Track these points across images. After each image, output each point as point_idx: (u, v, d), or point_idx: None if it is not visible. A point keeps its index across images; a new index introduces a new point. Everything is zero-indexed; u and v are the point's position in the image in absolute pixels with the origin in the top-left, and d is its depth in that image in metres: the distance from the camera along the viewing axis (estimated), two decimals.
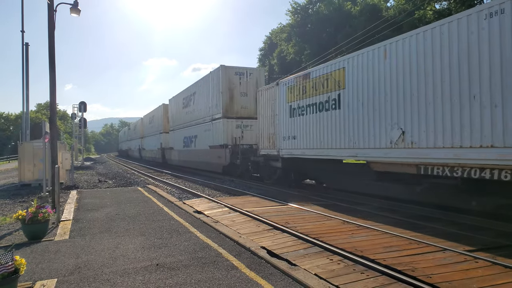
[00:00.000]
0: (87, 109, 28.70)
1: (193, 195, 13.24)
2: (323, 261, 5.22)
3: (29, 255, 5.71)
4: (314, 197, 11.68)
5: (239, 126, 20.40)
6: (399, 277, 4.49)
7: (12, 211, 9.79)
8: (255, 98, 18.72)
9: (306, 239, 6.29)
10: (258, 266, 5.08)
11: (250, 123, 20.42)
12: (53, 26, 10.30)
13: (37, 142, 16.47)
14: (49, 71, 10.33)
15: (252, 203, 10.25)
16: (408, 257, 5.23)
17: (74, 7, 11.53)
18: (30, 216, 6.61)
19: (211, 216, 8.70)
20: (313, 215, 8.42)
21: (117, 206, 10.39)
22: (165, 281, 4.56)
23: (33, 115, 53.99)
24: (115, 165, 38.17)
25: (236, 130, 20.23)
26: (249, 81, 20.90)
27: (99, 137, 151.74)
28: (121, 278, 4.68)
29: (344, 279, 4.54)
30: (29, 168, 16.19)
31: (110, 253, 5.77)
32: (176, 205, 10.41)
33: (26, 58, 23.86)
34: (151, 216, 8.77)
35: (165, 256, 5.58)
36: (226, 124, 20.09)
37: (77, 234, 7.14)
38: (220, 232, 7.00)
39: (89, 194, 13.42)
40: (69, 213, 9.22)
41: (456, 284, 4.27)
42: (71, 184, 16.48)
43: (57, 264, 5.29)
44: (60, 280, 4.65)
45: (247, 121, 20.54)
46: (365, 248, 5.67)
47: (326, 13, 44.36)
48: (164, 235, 6.87)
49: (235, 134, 20.07)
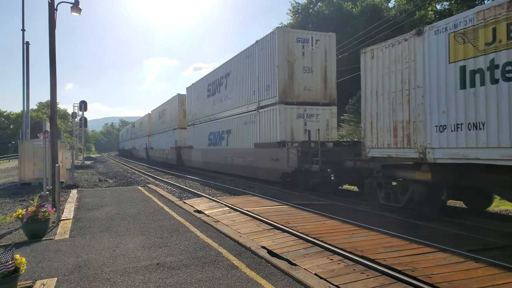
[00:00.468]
0: (87, 108, 28.71)
1: (194, 195, 13.25)
2: (323, 261, 5.22)
3: (29, 254, 5.71)
4: (315, 197, 11.68)
5: (301, 116, 14.71)
6: (399, 277, 4.49)
7: (12, 210, 9.80)
8: (323, 76, 14.92)
9: (307, 239, 6.29)
10: (258, 265, 5.08)
11: (315, 111, 14.92)
12: (53, 25, 10.30)
13: (38, 141, 16.47)
14: (50, 70, 10.34)
15: (253, 203, 10.25)
16: (408, 257, 5.22)
17: (75, 6, 11.53)
18: (30, 215, 6.61)
19: (211, 215, 8.70)
20: (313, 215, 8.42)
21: (117, 205, 10.39)
22: (165, 280, 4.56)
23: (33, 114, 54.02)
24: (116, 165, 38.17)
25: (297, 122, 14.64)
26: (315, 51, 14.96)
27: (100, 136, 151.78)
28: (121, 277, 4.68)
29: (344, 279, 4.53)
30: (30, 167, 16.21)
31: (111, 252, 5.77)
32: (177, 204, 10.41)
33: (26, 57, 23.88)
34: (152, 216, 8.77)
35: (166, 255, 5.58)
36: (284, 113, 14.36)
37: (77, 233, 7.14)
38: (221, 232, 7.00)
39: (89, 193, 13.42)
40: (69, 212, 9.23)
41: (456, 284, 4.27)
42: (72, 183, 16.49)
43: (57, 263, 5.29)
44: (60, 279, 4.66)
45: (312, 109, 14.86)
46: (365, 248, 5.67)
47: (326, 13, 44.32)
48: (165, 235, 6.87)
49: (295, 127, 14.61)
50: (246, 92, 17.58)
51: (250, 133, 17.07)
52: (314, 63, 14.97)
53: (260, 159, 15.79)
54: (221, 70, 21.08)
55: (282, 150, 14.04)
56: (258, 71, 16.20)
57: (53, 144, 10.10)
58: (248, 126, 17.29)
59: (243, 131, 17.80)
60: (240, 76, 18.28)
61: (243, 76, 17.88)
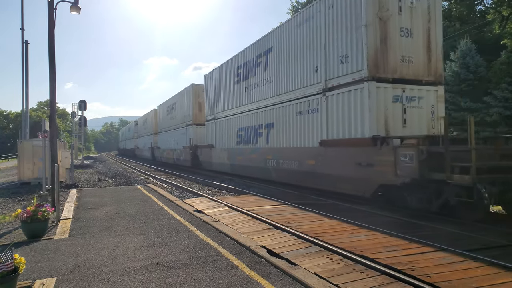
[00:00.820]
0: (87, 107, 28.70)
1: (193, 194, 13.24)
2: (323, 260, 5.22)
3: (28, 254, 5.71)
4: (314, 196, 11.68)
5: (398, 99, 10.26)
6: (399, 277, 4.50)
7: (12, 210, 9.79)
8: (426, 43, 10.72)
9: (306, 238, 6.30)
10: (258, 265, 5.08)
11: (417, 92, 10.55)
12: (53, 24, 10.28)
13: (37, 140, 16.47)
14: (49, 69, 10.32)
15: (252, 202, 10.25)
16: (407, 257, 5.23)
17: (74, 5, 11.50)
18: (30, 215, 6.60)
19: (211, 215, 8.70)
20: (313, 215, 8.42)
21: (117, 205, 10.39)
22: (165, 280, 4.56)
23: (33, 113, 54.00)
24: (115, 164, 38.16)
25: (394, 107, 10.17)
26: (415, 5, 10.67)
27: (99, 136, 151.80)
28: (121, 277, 4.68)
29: (344, 278, 4.54)
30: (29, 167, 16.20)
31: (110, 252, 5.77)
32: (176, 204, 10.41)
33: (26, 56, 23.85)
34: (151, 215, 8.77)
35: (165, 255, 5.58)
36: (376, 94, 9.96)
37: (77, 232, 7.13)
38: (220, 231, 7.00)
39: (89, 192, 13.42)
40: (68, 212, 9.22)
41: (455, 284, 4.28)
42: (71, 182, 16.48)
43: (57, 263, 5.28)
44: (59, 279, 4.65)
45: (413, 90, 10.45)
46: (365, 247, 5.68)
47: None
48: (164, 234, 6.87)
49: (390, 116, 10.09)
50: (301, 70, 13.23)
51: (309, 126, 12.71)
52: (415, 23, 10.71)
53: (333, 163, 11.06)
54: (258, 47, 16.65)
55: (381, 150, 9.34)
56: (325, 37, 11.85)
57: (52, 144, 10.09)
58: (304, 117, 12.96)
59: (297, 124, 13.44)
60: (291, 50, 13.94)
61: (296, 48, 13.58)
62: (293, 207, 9.45)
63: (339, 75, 11.25)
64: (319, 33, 12.23)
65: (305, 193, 12.45)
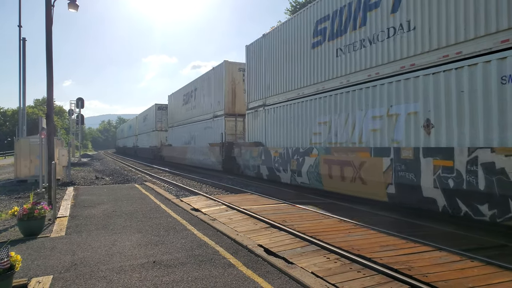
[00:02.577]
0: (84, 105, 28.59)
1: (191, 193, 13.23)
2: (320, 260, 5.23)
3: (24, 252, 5.68)
4: (312, 195, 11.69)
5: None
6: (396, 276, 4.50)
7: (8, 207, 9.75)
8: None
9: (303, 238, 6.30)
10: (255, 264, 5.08)
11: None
12: (50, 22, 10.22)
13: (34, 138, 16.40)
14: (46, 67, 10.27)
15: (250, 201, 10.24)
16: (404, 256, 5.24)
17: (72, 3, 11.45)
18: (26, 213, 6.58)
19: (208, 213, 8.69)
20: (310, 214, 8.43)
21: (114, 203, 10.36)
22: (161, 278, 4.55)
23: (30, 110, 53.79)
24: (112, 162, 38.06)
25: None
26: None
27: (97, 134, 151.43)
28: (118, 275, 4.66)
29: (341, 277, 4.54)
30: (26, 164, 16.13)
31: (107, 250, 5.75)
32: (173, 202, 10.39)
33: (23, 54, 23.70)
34: (148, 213, 8.75)
35: (162, 253, 5.57)
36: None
37: (74, 230, 7.11)
38: (217, 230, 6.99)
39: (86, 190, 13.37)
40: (65, 210, 9.19)
41: (452, 283, 4.29)
42: (68, 180, 16.43)
43: (53, 261, 5.26)
44: (55, 277, 4.63)
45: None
46: (362, 247, 5.68)
47: None
48: (161, 233, 6.86)
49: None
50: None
51: None
52: None
53: None
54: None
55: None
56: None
57: (49, 141, 10.05)
58: None
59: None
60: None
61: None
62: (291, 206, 9.45)
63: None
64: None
65: (303, 192, 12.46)
